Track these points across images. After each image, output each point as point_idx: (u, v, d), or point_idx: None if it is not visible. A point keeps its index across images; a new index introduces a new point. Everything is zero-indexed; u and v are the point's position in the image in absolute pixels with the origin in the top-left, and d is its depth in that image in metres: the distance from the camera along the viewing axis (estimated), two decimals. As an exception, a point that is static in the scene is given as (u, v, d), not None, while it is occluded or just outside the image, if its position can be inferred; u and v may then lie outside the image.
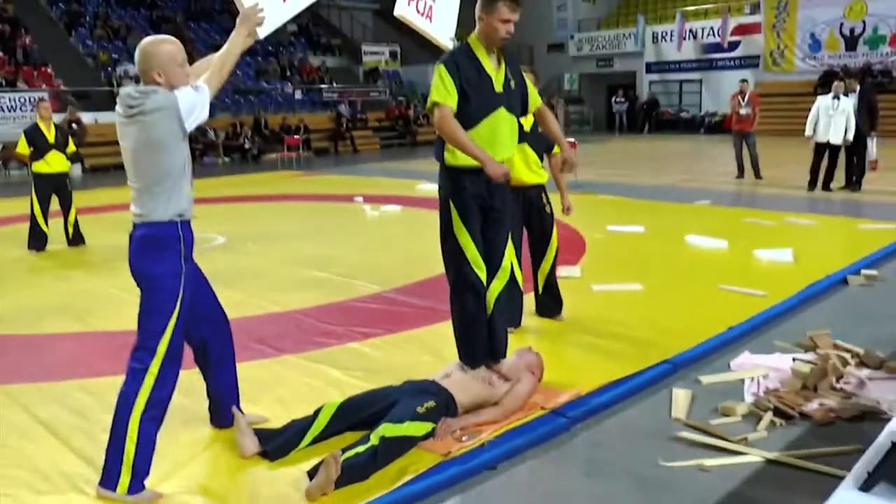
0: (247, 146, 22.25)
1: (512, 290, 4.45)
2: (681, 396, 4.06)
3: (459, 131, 3.73)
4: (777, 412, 3.79)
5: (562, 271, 6.65)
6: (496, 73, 3.89)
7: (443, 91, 3.76)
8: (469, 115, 3.80)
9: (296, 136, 22.36)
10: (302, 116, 24.39)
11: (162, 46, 3.22)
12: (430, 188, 13.53)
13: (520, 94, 4.05)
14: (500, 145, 3.88)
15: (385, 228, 9.96)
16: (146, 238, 3.18)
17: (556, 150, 5.22)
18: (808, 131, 11.94)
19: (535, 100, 4.17)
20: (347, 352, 4.91)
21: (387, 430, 3.34)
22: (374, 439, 3.29)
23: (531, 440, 3.59)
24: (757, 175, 13.51)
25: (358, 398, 3.70)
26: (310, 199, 13.07)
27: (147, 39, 3.26)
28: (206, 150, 21.54)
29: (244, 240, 9.04)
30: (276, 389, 4.30)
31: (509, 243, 4.13)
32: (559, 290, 5.48)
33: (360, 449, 3.24)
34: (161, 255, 3.18)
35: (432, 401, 3.58)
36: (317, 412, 3.58)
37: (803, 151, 13.37)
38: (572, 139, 15.78)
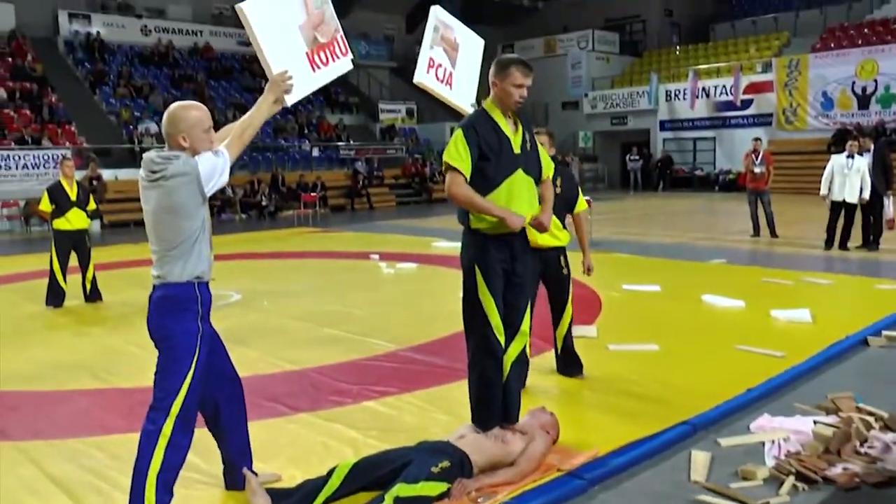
0: (264, 203, 22.44)
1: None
2: (700, 459, 4.00)
3: (470, 192, 3.77)
4: (799, 476, 3.71)
5: (578, 331, 6.61)
6: (514, 135, 3.93)
7: (455, 156, 3.80)
8: (489, 178, 3.83)
9: (313, 193, 22.58)
10: (319, 173, 24.66)
11: (190, 112, 3.29)
12: (446, 246, 13.59)
13: (535, 157, 4.07)
14: (517, 207, 3.88)
15: (401, 286, 9.97)
16: (164, 299, 3.23)
17: (579, 207, 5.27)
18: (824, 190, 11.94)
19: (547, 167, 4.17)
20: (362, 410, 4.88)
21: (401, 490, 3.30)
22: (388, 500, 3.25)
23: (547, 502, 3.54)
24: (773, 233, 13.48)
25: (372, 458, 3.67)
26: (326, 256, 13.12)
27: (176, 104, 3.34)
28: (223, 206, 21.76)
29: (260, 297, 9.06)
30: (289, 448, 4.27)
31: (528, 307, 4.11)
32: (576, 351, 5.47)
33: None
34: (179, 315, 3.21)
35: (447, 460, 3.54)
36: (330, 472, 3.54)
37: (818, 210, 13.36)
38: (588, 198, 15.82)
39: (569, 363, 5.44)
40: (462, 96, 4.43)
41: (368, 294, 9.23)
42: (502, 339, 3.93)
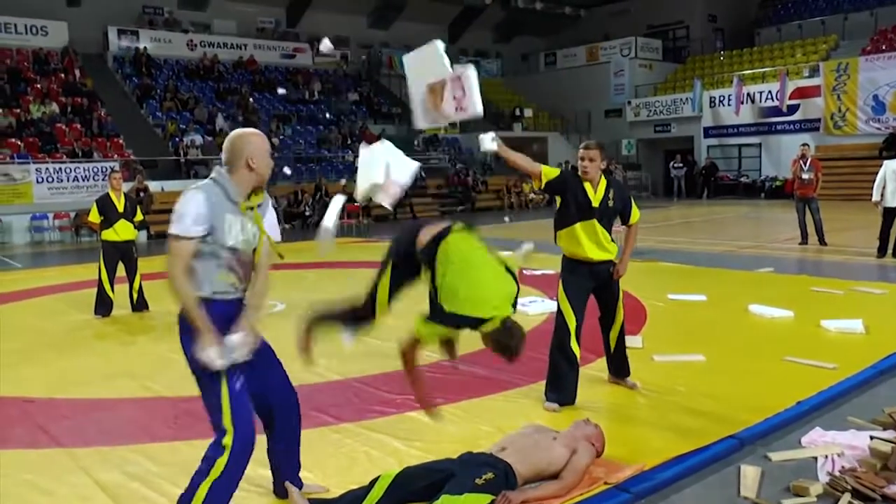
0: (307, 213, 22.61)
1: (572, 367, 5.05)
2: (749, 473, 3.90)
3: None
4: (856, 494, 3.60)
5: (622, 341, 6.55)
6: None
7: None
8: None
9: (356, 204, 22.66)
10: (361, 183, 24.73)
11: (254, 138, 3.40)
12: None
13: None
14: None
15: (443, 295, 9.91)
16: (181, 317, 3.32)
17: (634, 218, 5.30)
18: (876, 196, 11.67)
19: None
20: (406, 421, 4.88)
21: (445, 502, 3.28)
22: None
23: (594, 518, 3.48)
24: (822, 241, 13.19)
25: (415, 469, 3.65)
26: (369, 266, 12.98)
27: (238, 131, 3.43)
28: (267, 216, 21.92)
29: (303, 307, 9.07)
30: (333, 458, 4.28)
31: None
32: (626, 354, 5.45)
33: None
34: (192, 333, 3.24)
35: (491, 472, 3.51)
36: (373, 482, 3.53)
37: (869, 216, 13.06)
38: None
39: (620, 363, 5.43)
40: (474, 106, 4.57)
41: (413, 304, 9.16)
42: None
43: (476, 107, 4.21)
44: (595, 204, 4.99)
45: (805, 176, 13.31)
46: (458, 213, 26.26)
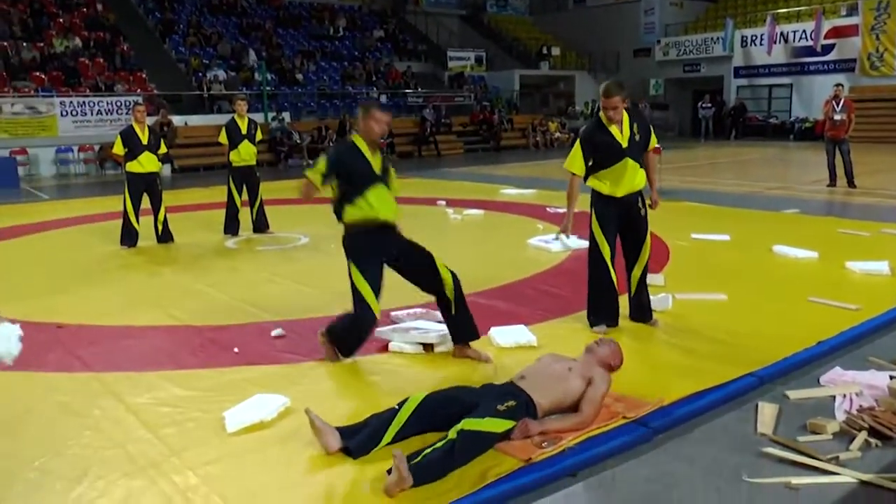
0: (331, 149, 22.52)
1: (611, 291, 5.30)
2: (767, 411, 3.93)
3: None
4: (872, 432, 3.62)
5: (645, 279, 6.55)
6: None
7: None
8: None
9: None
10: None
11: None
12: (514, 193, 13.51)
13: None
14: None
15: (468, 232, 9.96)
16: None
17: (651, 144, 5.39)
18: None
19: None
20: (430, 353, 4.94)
21: (466, 424, 3.34)
22: (452, 433, 3.31)
23: (612, 449, 3.54)
24: (850, 183, 13.01)
25: (441, 394, 3.71)
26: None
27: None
28: (290, 152, 21.96)
29: (327, 240, 9.12)
30: (360, 390, 4.38)
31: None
32: (649, 296, 5.48)
33: (438, 444, 3.27)
34: None
35: (512, 400, 3.57)
36: (401, 404, 3.60)
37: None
38: (657, 145, 15.51)
39: (642, 307, 5.45)
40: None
41: (434, 239, 9.14)
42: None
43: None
44: (625, 145, 5.13)
45: (837, 117, 13.06)
46: (483, 151, 26.11)
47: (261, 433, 3.75)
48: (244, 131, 9.72)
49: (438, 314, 5.19)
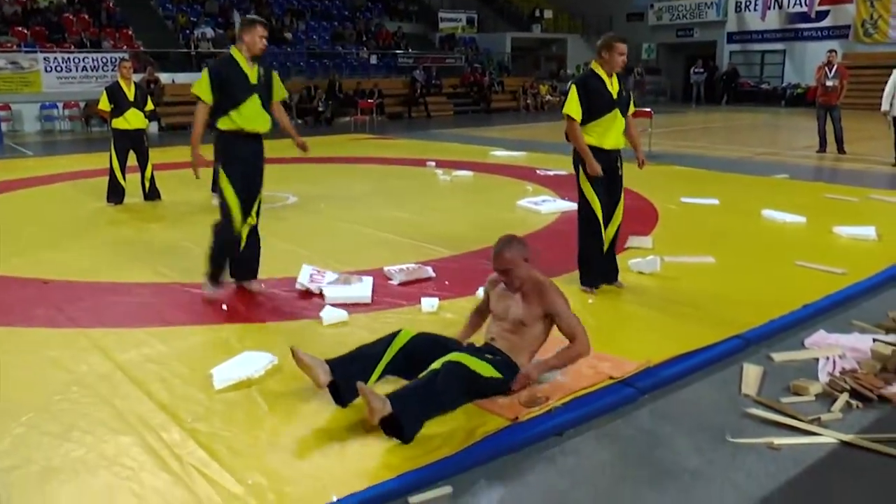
0: (320, 109, 22.40)
1: (601, 250, 5.40)
2: (751, 372, 3.97)
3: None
4: (854, 394, 3.66)
5: (633, 241, 6.57)
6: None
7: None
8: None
9: (370, 100, 22.43)
10: (376, 81, 24.41)
11: None
12: (504, 155, 13.46)
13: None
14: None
15: (457, 194, 9.94)
16: None
17: (631, 108, 5.53)
18: (885, 106, 11.53)
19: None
20: (418, 312, 4.95)
21: (453, 356, 3.37)
22: (437, 364, 3.34)
23: (598, 409, 3.57)
24: (840, 150, 13.03)
25: (432, 335, 3.73)
26: (382, 162, 13.11)
27: None
28: (280, 111, 21.74)
29: (315, 200, 9.13)
30: (352, 346, 4.34)
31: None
32: (616, 258, 5.56)
33: (421, 376, 3.32)
34: None
35: (497, 355, 3.59)
36: (393, 335, 3.61)
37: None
38: (648, 108, 15.52)
39: (611, 266, 5.50)
40: None
41: (424, 200, 9.24)
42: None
43: None
44: (615, 96, 5.25)
45: (829, 83, 13.04)
46: (473, 113, 25.97)
47: (248, 390, 3.76)
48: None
49: (429, 270, 5.34)
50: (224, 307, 5.10)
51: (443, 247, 6.63)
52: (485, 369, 3.47)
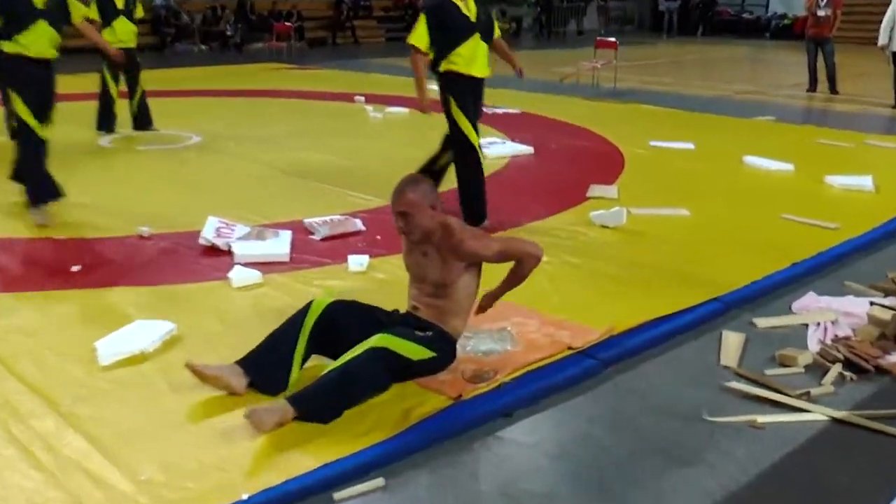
0: (229, 33, 21.96)
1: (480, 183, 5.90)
2: (732, 340, 4.00)
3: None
4: (848, 364, 3.72)
5: (595, 190, 6.58)
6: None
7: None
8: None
9: (287, 24, 22.00)
10: (295, 2, 23.92)
11: None
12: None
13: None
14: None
15: (390, 134, 9.83)
16: None
17: (497, 33, 6.01)
18: (882, 39, 11.74)
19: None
20: (343, 273, 4.89)
21: (376, 340, 3.29)
22: (359, 349, 3.26)
23: (554, 385, 3.55)
24: (832, 89, 13.24)
25: (349, 302, 3.64)
26: (302, 96, 12.90)
27: None
28: (178, 35, 21.24)
29: (224, 140, 8.94)
30: (263, 309, 4.30)
31: None
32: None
33: (335, 365, 3.26)
34: None
35: (430, 331, 3.50)
36: (304, 311, 3.50)
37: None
38: (612, 38, 15.55)
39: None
40: None
41: (351, 141, 9.13)
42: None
43: None
44: (473, 19, 5.63)
45: (821, 13, 13.17)
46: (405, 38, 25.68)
47: (140, 367, 3.65)
48: (120, 5, 9.24)
49: (358, 223, 5.41)
50: (114, 265, 4.95)
51: (374, 195, 6.54)
52: (414, 351, 3.39)
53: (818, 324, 4.18)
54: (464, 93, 5.71)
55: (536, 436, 3.24)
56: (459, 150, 5.82)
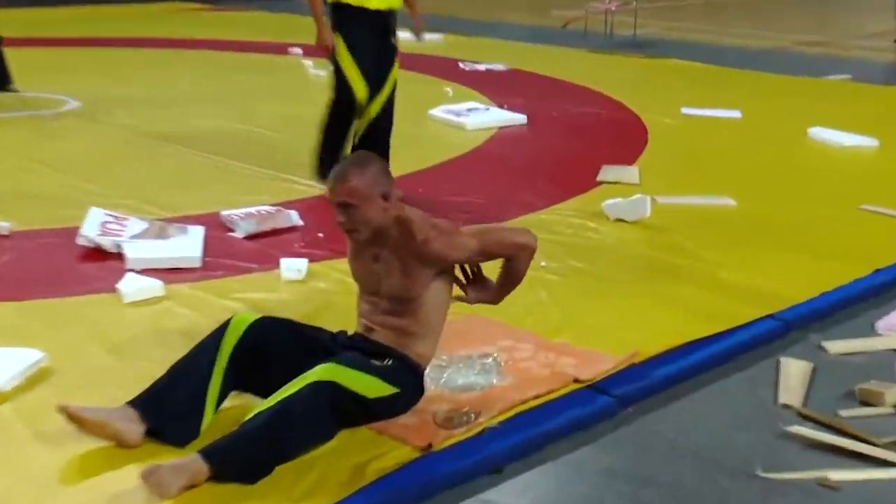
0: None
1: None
2: (794, 371, 4.02)
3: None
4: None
5: (609, 172, 6.59)
6: None
7: None
8: None
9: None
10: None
11: None
12: (407, 39, 13.31)
13: None
14: None
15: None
16: None
17: None
18: None
19: None
20: (270, 283, 4.88)
21: (325, 371, 3.24)
22: (296, 385, 3.20)
23: (555, 430, 3.54)
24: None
25: (283, 319, 3.66)
26: (219, 47, 12.98)
27: None
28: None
29: (112, 105, 8.92)
30: (161, 338, 4.24)
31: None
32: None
33: (264, 406, 3.18)
34: None
35: (390, 360, 3.46)
36: (220, 331, 3.46)
37: None
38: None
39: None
40: None
41: (284, 107, 9.18)
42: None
43: None
44: None
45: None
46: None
47: (-3, 408, 3.62)
48: None
49: (293, 215, 5.54)
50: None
51: (314, 180, 6.52)
52: (370, 386, 3.34)
53: (910, 350, 4.21)
54: (356, 31, 6.25)
55: (531, 497, 3.22)
56: (335, 99, 6.39)
